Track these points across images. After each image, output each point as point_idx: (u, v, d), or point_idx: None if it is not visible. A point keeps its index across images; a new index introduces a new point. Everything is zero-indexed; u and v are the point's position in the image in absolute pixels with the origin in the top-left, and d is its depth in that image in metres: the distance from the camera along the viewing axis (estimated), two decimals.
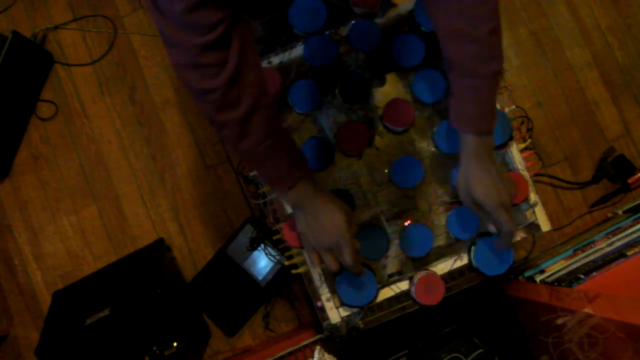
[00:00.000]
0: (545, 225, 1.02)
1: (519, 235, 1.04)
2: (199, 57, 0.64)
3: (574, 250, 1.12)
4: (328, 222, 0.83)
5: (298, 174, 0.80)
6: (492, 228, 0.90)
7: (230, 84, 0.67)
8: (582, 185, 1.49)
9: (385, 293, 1.00)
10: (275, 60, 1.04)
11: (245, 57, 0.68)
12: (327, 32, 1.04)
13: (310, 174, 0.83)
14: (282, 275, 1.40)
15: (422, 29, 1.04)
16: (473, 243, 0.99)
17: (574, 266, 1.07)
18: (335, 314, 0.99)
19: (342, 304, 0.98)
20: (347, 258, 0.83)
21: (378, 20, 1.05)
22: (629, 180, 1.44)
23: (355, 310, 0.99)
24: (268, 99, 0.74)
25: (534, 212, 1.02)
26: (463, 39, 0.77)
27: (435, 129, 1.02)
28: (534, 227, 1.03)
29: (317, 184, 0.84)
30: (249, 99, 0.70)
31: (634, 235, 1.08)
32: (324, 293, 0.99)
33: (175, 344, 1.22)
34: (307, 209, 0.84)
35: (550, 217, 1.03)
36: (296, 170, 0.80)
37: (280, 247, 1.02)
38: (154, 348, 1.20)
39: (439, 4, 0.76)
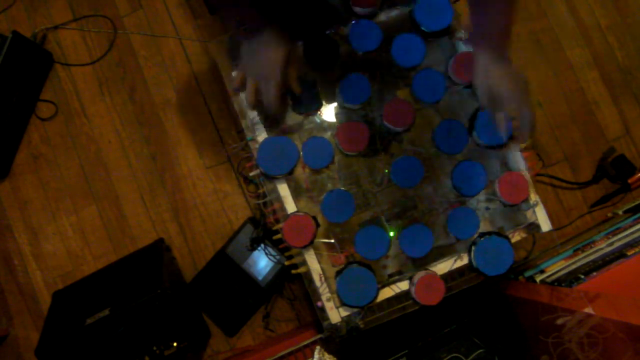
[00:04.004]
0: (545, 225, 1.02)
1: (519, 235, 1.04)
2: None
3: (574, 250, 1.12)
4: (267, 54, 0.85)
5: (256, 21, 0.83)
6: (502, 128, 0.90)
7: None
8: (582, 185, 1.49)
9: (385, 293, 1.00)
10: None
11: None
12: (327, 32, 1.04)
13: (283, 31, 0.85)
14: (282, 275, 1.40)
15: (422, 29, 1.04)
16: (473, 243, 0.99)
17: (574, 266, 1.07)
18: (335, 314, 0.99)
19: (342, 304, 0.98)
20: (270, 93, 0.86)
21: (378, 20, 1.05)
22: (629, 180, 1.44)
23: (355, 310, 0.99)
24: None
25: (534, 212, 1.02)
26: None
27: (435, 129, 1.02)
28: (534, 227, 1.03)
29: (277, 26, 0.86)
30: None
31: (634, 235, 1.08)
32: (324, 293, 0.99)
33: (175, 344, 1.22)
34: (256, 40, 0.86)
35: (550, 217, 1.03)
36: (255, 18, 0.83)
37: (280, 247, 1.02)
38: (154, 348, 1.20)
39: None
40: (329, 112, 1.08)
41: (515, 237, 1.03)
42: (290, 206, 1.01)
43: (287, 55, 0.87)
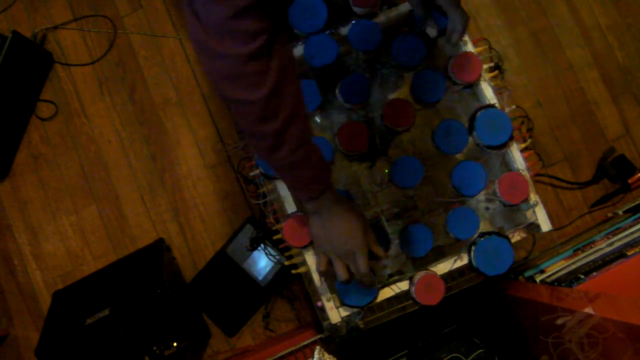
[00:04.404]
0: (545, 225, 1.02)
1: (519, 235, 1.04)
2: (241, 67, 0.61)
3: (574, 250, 1.12)
4: (346, 228, 0.81)
5: (323, 185, 0.78)
6: (432, 31, 0.92)
7: (271, 95, 0.64)
8: (582, 185, 1.49)
9: (385, 293, 1.00)
10: None
11: (285, 68, 0.65)
12: (327, 32, 1.04)
13: (333, 184, 0.82)
14: (282, 275, 1.40)
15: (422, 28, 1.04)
16: (473, 243, 0.99)
17: (574, 266, 1.07)
18: (335, 314, 0.99)
19: (342, 304, 0.98)
20: (361, 267, 0.82)
21: (378, 20, 1.05)
22: (629, 180, 1.43)
23: (355, 310, 0.99)
24: (304, 109, 0.72)
25: (534, 212, 1.02)
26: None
27: (435, 129, 1.02)
28: (534, 227, 1.03)
29: (339, 194, 0.83)
30: (288, 111, 0.67)
31: (634, 235, 1.08)
32: (324, 293, 0.99)
33: (175, 344, 1.22)
34: (325, 215, 0.82)
35: (550, 217, 1.03)
36: (322, 181, 0.78)
37: (280, 247, 1.02)
38: (154, 348, 1.20)
39: None
40: (329, 112, 1.08)
41: (515, 237, 1.03)
42: (290, 206, 1.01)
43: (366, 226, 0.84)
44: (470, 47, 1.04)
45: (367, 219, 0.86)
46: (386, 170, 1.04)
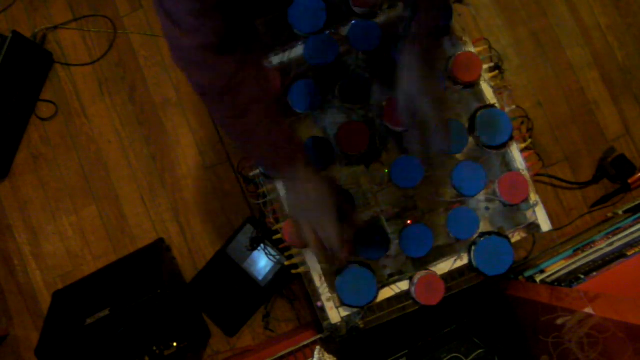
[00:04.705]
0: (545, 225, 1.02)
1: (519, 235, 1.04)
2: (201, 57, 0.68)
3: (574, 250, 1.12)
4: (317, 196, 0.83)
5: (291, 159, 0.81)
6: (414, 147, 0.88)
7: (229, 85, 0.71)
8: (582, 185, 1.49)
9: (385, 293, 1.00)
10: (275, 60, 1.04)
11: (247, 65, 0.72)
12: (327, 32, 1.04)
13: (309, 162, 0.83)
14: (282, 275, 1.40)
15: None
16: (473, 243, 0.99)
17: (574, 266, 1.07)
18: (335, 314, 0.99)
19: (342, 304, 0.98)
20: (330, 233, 0.81)
21: (378, 20, 1.05)
22: (629, 180, 1.43)
23: (355, 310, 0.99)
24: (268, 99, 0.77)
25: (534, 212, 1.02)
26: None
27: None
28: (534, 227, 1.03)
29: (311, 167, 0.84)
30: (248, 94, 0.73)
31: (634, 235, 1.08)
32: (324, 293, 0.99)
33: (175, 344, 1.22)
34: (297, 183, 0.84)
35: (550, 217, 1.03)
36: (295, 157, 0.81)
37: (280, 247, 1.02)
38: (154, 348, 1.20)
39: None
40: (329, 112, 1.08)
41: (515, 237, 1.03)
42: None
43: (332, 187, 0.84)
44: (470, 47, 1.04)
45: (342, 198, 0.88)
46: (386, 170, 1.04)
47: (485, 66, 1.03)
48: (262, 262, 1.40)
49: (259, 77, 0.75)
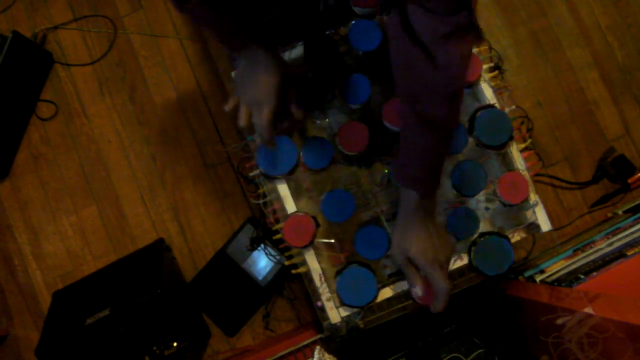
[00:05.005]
0: (545, 225, 1.02)
1: (519, 235, 1.04)
2: None
3: (574, 250, 1.12)
4: (261, 79, 0.83)
5: (243, 40, 0.82)
6: (417, 292, 0.87)
7: None
8: (582, 185, 1.49)
9: (385, 293, 1.00)
10: None
11: None
12: (328, 32, 1.04)
13: (261, 46, 0.84)
14: (282, 275, 1.40)
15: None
16: (473, 243, 0.99)
17: (574, 266, 1.07)
18: (335, 314, 0.99)
19: (342, 304, 0.98)
20: (263, 117, 0.82)
21: (378, 20, 1.05)
22: (629, 180, 1.43)
23: (355, 310, 0.99)
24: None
25: (534, 212, 1.02)
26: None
27: None
28: (534, 227, 1.03)
29: (267, 51, 0.84)
30: None
31: (634, 235, 1.08)
32: (324, 293, 0.99)
33: (175, 344, 1.22)
34: (248, 63, 0.85)
35: (550, 217, 1.03)
36: (241, 37, 0.82)
37: (280, 247, 1.02)
38: (154, 348, 1.20)
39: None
40: (329, 112, 1.08)
41: (515, 237, 1.03)
42: (290, 206, 1.01)
43: (281, 78, 0.84)
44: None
45: (291, 75, 0.88)
46: (386, 170, 1.04)
47: (485, 66, 1.04)
48: (262, 262, 1.41)
49: None
